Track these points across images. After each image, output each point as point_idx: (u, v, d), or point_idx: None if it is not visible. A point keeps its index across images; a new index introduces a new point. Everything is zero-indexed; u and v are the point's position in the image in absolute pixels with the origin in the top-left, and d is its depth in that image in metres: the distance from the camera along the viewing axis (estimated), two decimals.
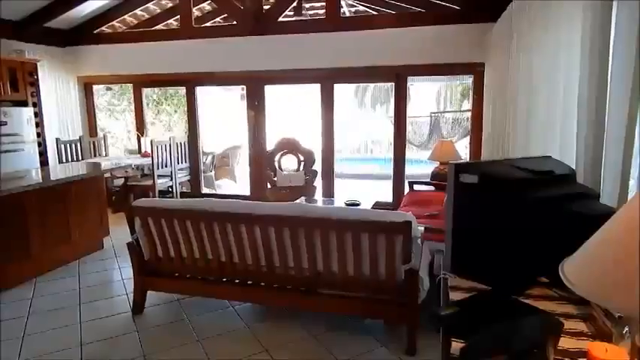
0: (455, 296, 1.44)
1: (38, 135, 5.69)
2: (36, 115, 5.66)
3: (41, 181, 3.86)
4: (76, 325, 3.02)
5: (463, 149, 6.96)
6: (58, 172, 4.50)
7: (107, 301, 3.45)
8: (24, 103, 5.53)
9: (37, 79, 5.73)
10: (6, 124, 5.18)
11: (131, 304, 3.25)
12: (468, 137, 6.46)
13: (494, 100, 4.31)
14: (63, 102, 6.40)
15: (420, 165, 8.29)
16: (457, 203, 1.59)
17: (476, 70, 5.17)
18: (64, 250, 4.13)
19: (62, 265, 4.09)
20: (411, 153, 7.20)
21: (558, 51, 2.47)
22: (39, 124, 5.72)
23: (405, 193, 5.36)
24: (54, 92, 6.23)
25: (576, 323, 1.25)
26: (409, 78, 5.61)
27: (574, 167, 1.90)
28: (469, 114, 6.56)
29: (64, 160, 6.05)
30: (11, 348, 2.74)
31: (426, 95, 10.83)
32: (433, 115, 8.53)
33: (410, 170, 6.06)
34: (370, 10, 6.72)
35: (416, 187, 5.28)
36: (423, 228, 2.89)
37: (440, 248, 2.91)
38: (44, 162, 5.77)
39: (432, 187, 5.23)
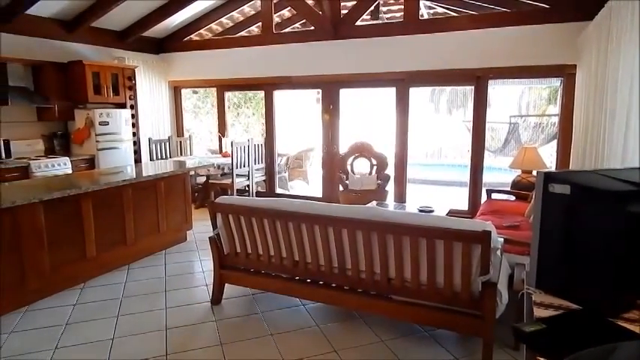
0: (538, 313, 1.37)
1: (134, 134, 6.27)
2: (132, 116, 6.24)
3: (135, 176, 4.25)
4: (162, 311, 3.29)
5: (547, 157, 6.50)
6: (150, 168, 4.91)
7: (189, 290, 3.70)
8: (123, 105, 6.13)
9: (135, 84, 6.32)
10: (108, 124, 5.78)
11: (210, 294, 3.47)
12: (554, 143, 6.04)
13: (587, 104, 3.98)
14: (155, 104, 6.99)
15: (495, 172, 7.89)
16: (545, 215, 1.50)
17: (566, 72, 4.83)
18: (153, 240, 4.50)
19: (151, 254, 4.47)
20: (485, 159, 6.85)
21: None
22: (135, 125, 6.30)
23: (483, 201, 5.14)
24: (148, 95, 6.82)
25: None
26: (491, 81, 5.37)
27: None
28: (555, 119, 6.13)
29: (155, 158, 6.61)
30: (108, 325, 3.06)
31: (506, 99, 10.26)
32: (513, 119, 8.06)
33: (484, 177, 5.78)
34: (450, 12, 6.53)
35: (494, 195, 5.05)
36: (502, 239, 2.75)
37: (520, 261, 2.75)
38: (137, 159, 6.36)
39: (511, 197, 4.97)
